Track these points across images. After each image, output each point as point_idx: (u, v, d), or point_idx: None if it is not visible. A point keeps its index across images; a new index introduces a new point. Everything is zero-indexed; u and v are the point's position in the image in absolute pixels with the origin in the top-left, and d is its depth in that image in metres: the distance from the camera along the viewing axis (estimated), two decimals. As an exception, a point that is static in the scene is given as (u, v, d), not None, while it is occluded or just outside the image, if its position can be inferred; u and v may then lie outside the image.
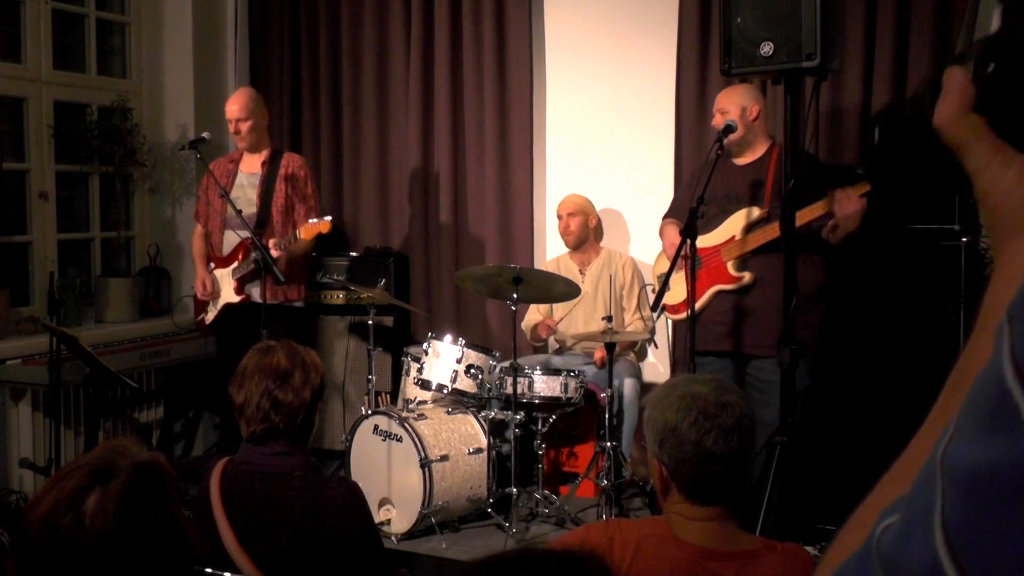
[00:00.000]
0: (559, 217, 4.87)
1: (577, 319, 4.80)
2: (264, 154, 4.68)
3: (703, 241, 3.84)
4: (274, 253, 4.36)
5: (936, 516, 0.47)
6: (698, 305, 3.85)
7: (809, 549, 2.21)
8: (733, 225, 3.81)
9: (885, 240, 3.75)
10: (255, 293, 4.54)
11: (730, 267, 3.82)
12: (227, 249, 4.66)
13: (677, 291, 3.94)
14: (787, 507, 3.17)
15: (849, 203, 3.49)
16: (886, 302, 3.92)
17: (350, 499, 2.22)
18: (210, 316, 4.72)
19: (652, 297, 3.95)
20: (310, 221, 4.42)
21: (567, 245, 4.87)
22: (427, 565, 3.96)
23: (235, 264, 4.58)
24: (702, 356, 3.84)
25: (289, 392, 2.22)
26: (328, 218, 4.40)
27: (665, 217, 4.25)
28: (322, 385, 2.31)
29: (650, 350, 4.96)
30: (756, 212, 3.76)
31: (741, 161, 3.89)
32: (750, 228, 3.76)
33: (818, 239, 3.60)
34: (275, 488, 2.20)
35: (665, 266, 3.87)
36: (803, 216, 3.49)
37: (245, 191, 4.65)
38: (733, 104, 3.81)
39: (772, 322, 3.59)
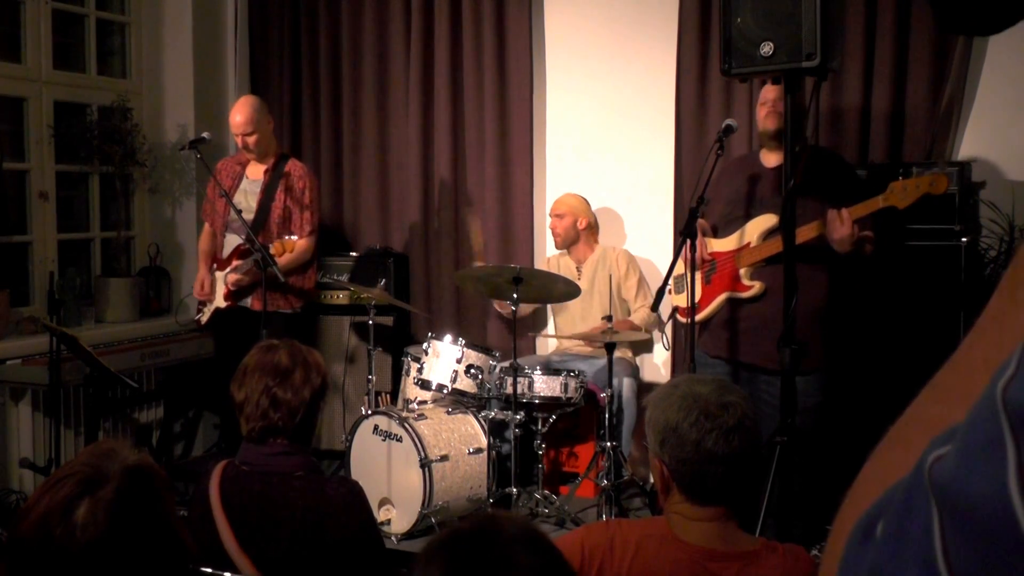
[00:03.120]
0: (550, 216, 4.89)
1: (575, 316, 4.80)
2: (270, 161, 4.68)
3: (721, 245, 3.80)
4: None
5: (1009, 455, 0.44)
6: (709, 311, 3.80)
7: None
8: (751, 231, 3.70)
9: (880, 247, 3.73)
10: (248, 301, 4.55)
11: (742, 275, 3.71)
12: (226, 252, 4.67)
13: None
14: (787, 508, 3.17)
15: (839, 227, 3.39)
16: (886, 302, 3.92)
17: (351, 499, 2.21)
18: (205, 317, 4.73)
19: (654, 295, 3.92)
20: (284, 238, 4.39)
21: (555, 246, 4.89)
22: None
23: (228, 268, 4.58)
24: (712, 359, 3.81)
25: (288, 390, 2.21)
26: (294, 237, 4.39)
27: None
28: (323, 386, 2.29)
29: (652, 348, 4.96)
30: (774, 219, 3.60)
31: (771, 162, 3.75)
32: (767, 235, 3.64)
33: (829, 249, 3.50)
34: (275, 489, 2.19)
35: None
36: (801, 235, 3.39)
37: (247, 197, 4.65)
38: (780, 101, 3.58)
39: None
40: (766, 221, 3.66)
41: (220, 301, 4.62)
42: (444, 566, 1.15)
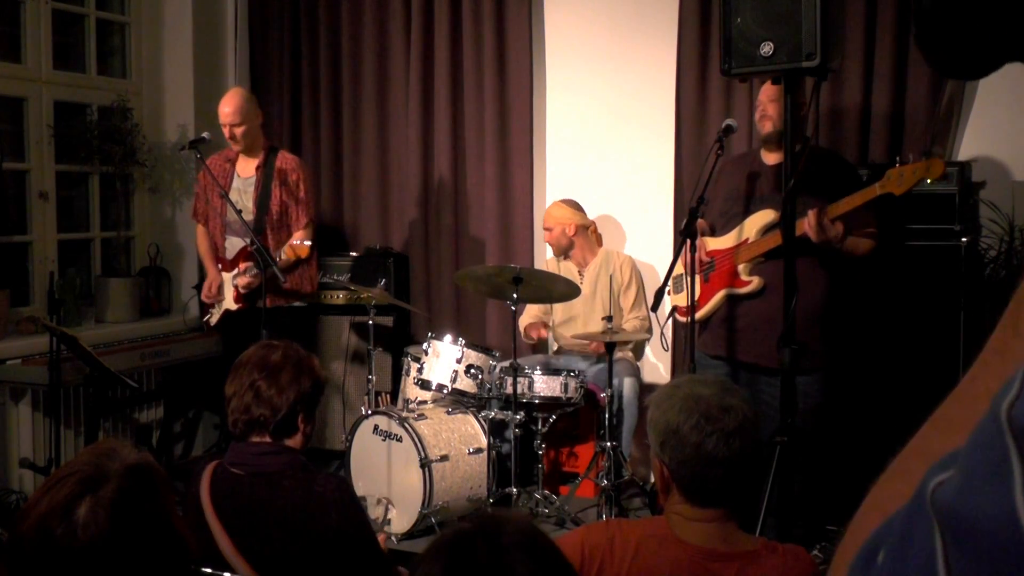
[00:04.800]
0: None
1: (576, 320, 4.79)
2: (260, 156, 4.64)
3: (719, 243, 3.80)
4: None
5: (1015, 474, 0.44)
6: (708, 308, 3.79)
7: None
8: (749, 227, 3.69)
9: (884, 240, 3.73)
10: (256, 302, 4.54)
11: (741, 270, 3.70)
12: (230, 253, 4.65)
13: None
14: (787, 508, 3.17)
15: (807, 228, 3.40)
16: (886, 302, 3.92)
17: (340, 495, 2.20)
18: (214, 318, 4.72)
19: (652, 298, 3.91)
20: (293, 243, 4.38)
21: (553, 255, 4.90)
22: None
23: (236, 271, 4.57)
24: (712, 359, 3.81)
25: (273, 387, 2.19)
26: (308, 243, 4.39)
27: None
28: (313, 390, 2.26)
29: (650, 350, 4.96)
30: (772, 215, 3.61)
31: (771, 160, 3.75)
32: (766, 231, 3.63)
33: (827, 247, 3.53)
34: (265, 489, 2.18)
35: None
36: (800, 227, 3.38)
37: (241, 196, 4.60)
38: (777, 101, 3.59)
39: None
40: (764, 217, 3.66)
41: (230, 303, 4.61)
42: (442, 568, 1.15)
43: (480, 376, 4.32)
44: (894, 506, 0.53)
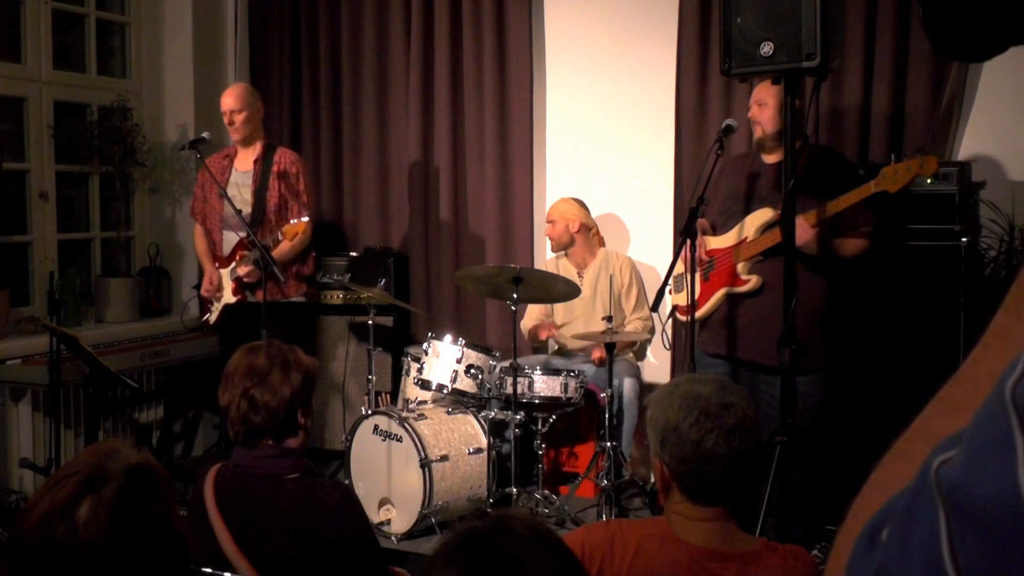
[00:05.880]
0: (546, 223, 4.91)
1: (577, 322, 4.79)
2: (258, 150, 4.67)
3: (719, 241, 3.80)
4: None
5: (1018, 452, 0.45)
6: (708, 307, 3.80)
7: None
8: (748, 226, 3.70)
9: (884, 240, 3.73)
10: (255, 292, 4.55)
11: (740, 269, 3.71)
12: (227, 249, 4.66)
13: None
14: (787, 508, 3.17)
15: (801, 233, 3.41)
16: (886, 302, 3.92)
17: (344, 503, 2.21)
18: (214, 317, 4.72)
19: (653, 298, 3.91)
20: (291, 222, 4.39)
21: (551, 249, 4.90)
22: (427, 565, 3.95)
23: (234, 264, 4.58)
24: (711, 358, 3.81)
25: (266, 392, 2.19)
26: (305, 219, 4.38)
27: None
28: (305, 382, 2.26)
29: (650, 350, 4.96)
30: (771, 214, 3.61)
31: (771, 159, 3.75)
32: (764, 230, 3.64)
33: (825, 245, 3.54)
34: (269, 491, 2.19)
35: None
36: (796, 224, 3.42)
37: (239, 190, 4.64)
38: (773, 97, 3.62)
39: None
40: (763, 215, 3.67)
41: (229, 297, 4.62)
42: (461, 568, 1.15)
43: (480, 376, 4.32)
44: (897, 486, 0.54)
